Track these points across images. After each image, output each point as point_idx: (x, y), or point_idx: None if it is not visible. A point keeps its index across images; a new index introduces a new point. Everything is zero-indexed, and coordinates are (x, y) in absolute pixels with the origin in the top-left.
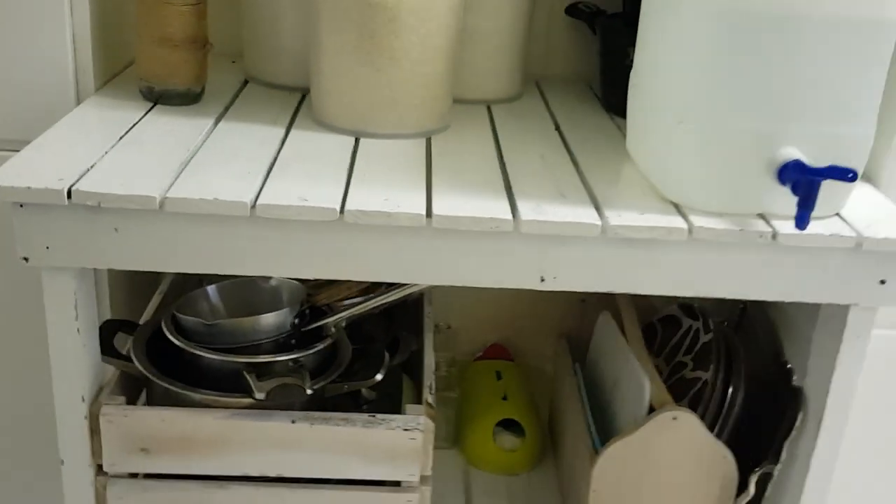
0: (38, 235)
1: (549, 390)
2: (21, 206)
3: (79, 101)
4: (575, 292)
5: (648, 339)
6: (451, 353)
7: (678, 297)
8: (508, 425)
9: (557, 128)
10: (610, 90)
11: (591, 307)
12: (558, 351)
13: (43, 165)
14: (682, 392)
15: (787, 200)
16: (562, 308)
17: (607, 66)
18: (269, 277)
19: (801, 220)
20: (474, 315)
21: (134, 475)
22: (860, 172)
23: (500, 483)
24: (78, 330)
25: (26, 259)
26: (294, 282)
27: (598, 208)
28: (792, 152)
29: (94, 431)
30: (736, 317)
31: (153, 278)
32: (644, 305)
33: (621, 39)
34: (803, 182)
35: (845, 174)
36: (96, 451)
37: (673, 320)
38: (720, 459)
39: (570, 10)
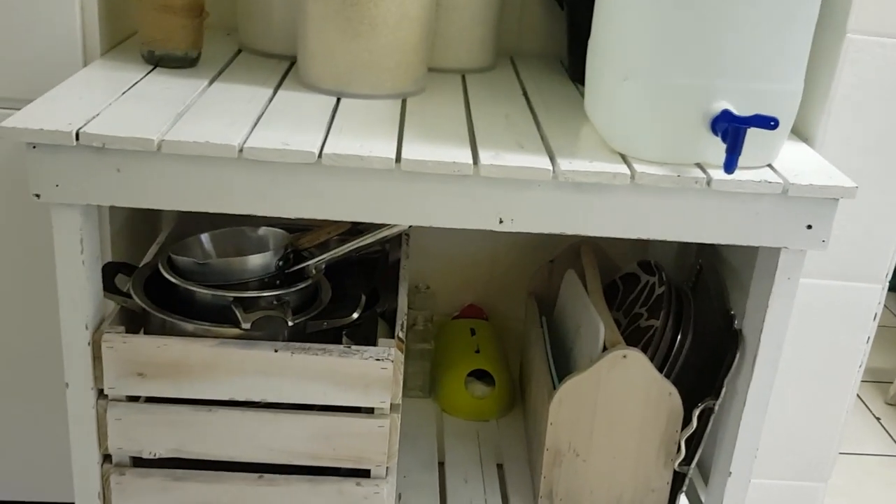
0: (49, 174)
1: (520, 346)
2: (34, 146)
3: (86, 65)
4: (545, 255)
5: (611, 296)
6: (430, 312)
7: (625, 239)
8: (480, 376)
9: (525, 93)
10: (576, 62)
11: (558, 267)
12: (527, 306)
13: (54, 112)
14: (637, 339)
15: (721, 151)
16: (533, 270)
17: (574, 39)
18: (257, 227)
19: (729, 165)
20: (452, 277)
21: (132, 399)
22: (789, 126)
23: (471, 428)
24: (83, 263)
25: (38, 196)
26: (279, 230)
27: (551, 157)
28: (723, 104)
29: (97, 357)
30: (693, 277)
31: (151, 231)
32: (607, 265)
33: (586, 15)
34: (731, 129)
35: (768, 122)
36: (98, 375)
37: (633, 277)
38: (666, 396)
39: None
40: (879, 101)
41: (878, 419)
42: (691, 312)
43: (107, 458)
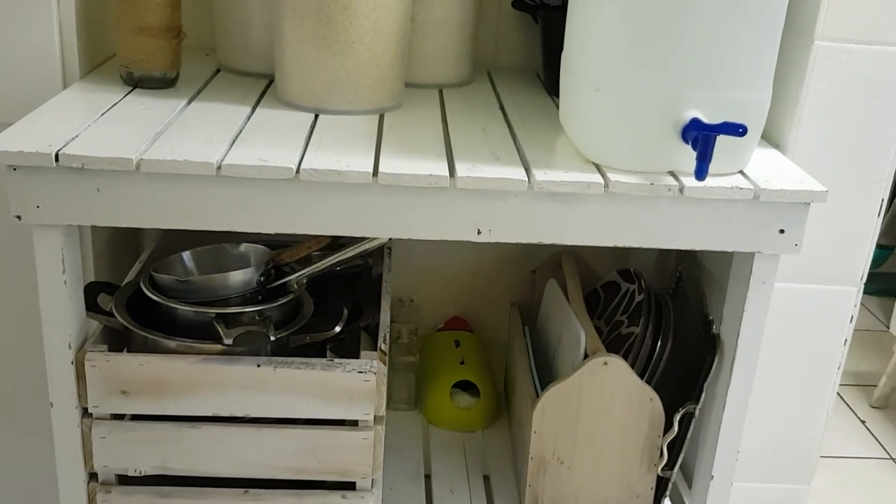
0: (30, 195)
1: (505, 357)
2: (14, 168)
3: (65, 88)
4: (528, 266)
5: (592, 304)
6: (414, 324)
7: (606, 248)
8: (465, 387)
9: (501, 107)
10: (552, 74)
11: (540, 278)
12: (510, 317)
13: (33, 134)
14: (618, 346)
15: (692, 158)
16: (516, 281)
17: (549, 52)
18: (239, 243)
19: (700, 172)
20: (436, 290)
21: (116, 417)
22: (758, 133)
23: (457, 439)
24: (65, 283)
25: (19, 217)
26: (260, 246)
27: (527, 168)
28: (692, 113)
29: (80, 377)
30: (674, 283)
31: (134, 249)
32: (589, 274)
33: (560, 28)
34: (700, 137)
35: (736, 129)
36: (82, 394)
37: (613, 286)
38: (647, 401)
39: (517, 4)
40: (848, 106)
41: (863, 422)
42: (671, 319)
43: (93, 476)
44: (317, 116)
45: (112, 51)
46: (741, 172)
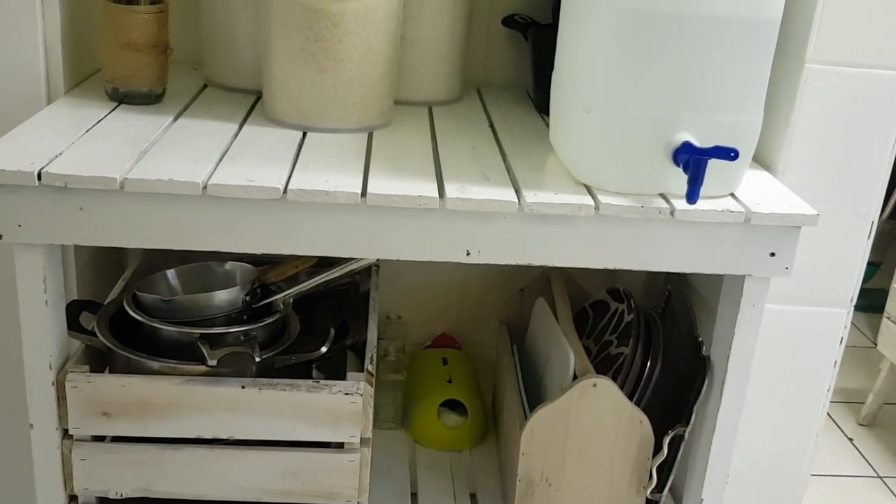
0: (11, 214)
1: (493, 375)
2: None
3: (49, 103)
4: (516, 284)
5: (581, 323)
6: (401, 342)
7: (591, 269)
8: (453, 406)
9: (491, 125)
10: (542, 93)
11: (529, 296)
12: (499, 335)
13: (15, 152)
14: (607, 367)
15: (683, 181)
16: (504, 298)
17: (539, 71)
18: (224, 262)
19: (692, 195)
20: (423, 307)
21: (97, 439)
22: (749, 156)
23: (444, 459)
24: (46, 302)
25: (0, 236)
26: (246, 264)
27: (517, 189)
28: (684, 136)
29: (61, 398)
30: (662, 303)
31: (118, 267)
32: (578, 293)
33: (550, 46)
34: (692, 160)
35: (728, 153)
36: (62, 416)
37: (602, 305)
38: (637, 423)
39: (507, 22)
40: (839, 129)
41: (850, 440)
42: (660, 339)
43: (73, 498)
44: (305, 134)
45: (97, 65)
46: (732, 195)
